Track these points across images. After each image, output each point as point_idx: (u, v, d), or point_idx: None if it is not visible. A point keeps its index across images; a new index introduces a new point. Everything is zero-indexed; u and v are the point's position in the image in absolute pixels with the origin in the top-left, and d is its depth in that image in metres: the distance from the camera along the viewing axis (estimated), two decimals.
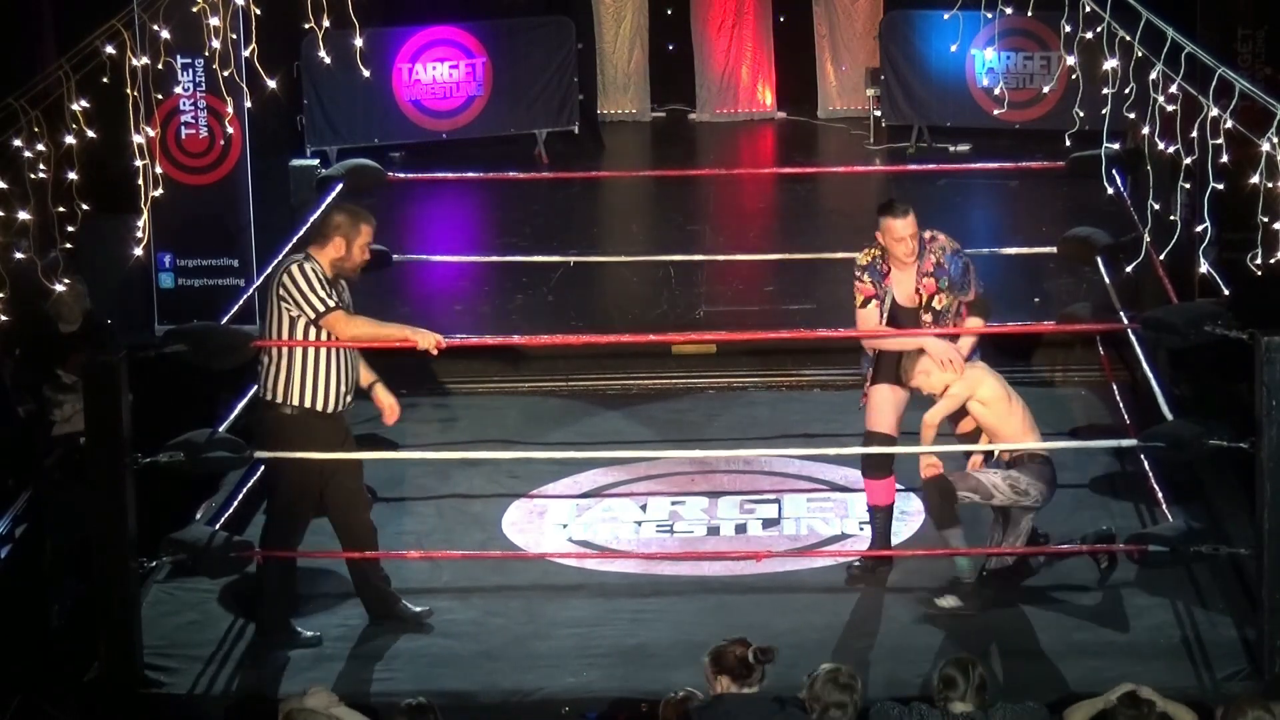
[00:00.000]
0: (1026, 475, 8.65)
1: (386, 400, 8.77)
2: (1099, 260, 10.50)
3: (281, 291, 8.38)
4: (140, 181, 8.12)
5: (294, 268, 8.42)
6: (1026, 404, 8.82)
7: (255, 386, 8.70)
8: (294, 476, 8.54)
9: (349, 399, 8.60)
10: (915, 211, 8.88)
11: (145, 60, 8.06)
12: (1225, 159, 7.49)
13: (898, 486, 9.92)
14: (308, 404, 8.44)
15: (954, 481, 8.65)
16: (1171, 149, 8.00)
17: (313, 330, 8.40)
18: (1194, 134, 7.58)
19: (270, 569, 8.59)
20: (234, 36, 8.31)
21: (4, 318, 7.89)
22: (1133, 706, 6.81)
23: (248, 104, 11.00)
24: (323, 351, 8.44)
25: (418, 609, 8.73)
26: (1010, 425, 8.71)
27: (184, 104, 12.56)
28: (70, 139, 7.99)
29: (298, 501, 8.60)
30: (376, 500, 10.03)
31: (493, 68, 16.45)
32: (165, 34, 8.18)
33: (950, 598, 8.68)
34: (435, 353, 8.52)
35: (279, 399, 8.46)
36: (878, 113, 16.79)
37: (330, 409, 8.48)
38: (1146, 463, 9.40)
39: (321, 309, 8.38)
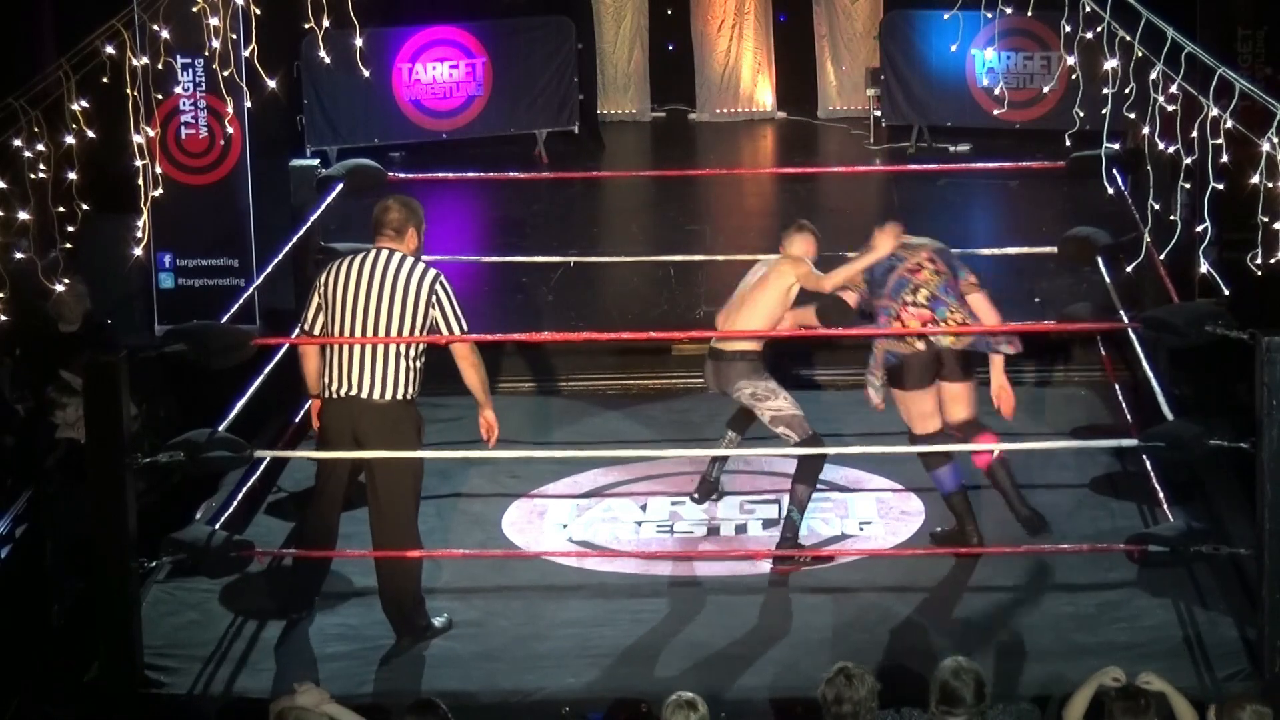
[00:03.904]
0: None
1: None
2: (1099, 260, 10.51)
3: (433, 299, 8.28)
4: (140, 181, 8.13)
5: (442, 277, 8.35)
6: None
7: (344, 385, 8.30)
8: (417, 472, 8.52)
9: None
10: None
11: (145, 60, 8.07)
12: (1225, 159, 7.49)
13: (897, 486, 9.94)
14: (413, 395, 8.41)
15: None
16: (1171, 149, 8.00)
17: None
18: (1194, 134, 7.58)
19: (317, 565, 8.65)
20: (234, 36, 8.32)
21: (4, 318, 7.90)
22: (1127, 698, 6.78)
23: (248, 104, 11.02)
24: (418, 346, 8.39)
25: (436, 622, 8.59)
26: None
27: (184, 104, 12.56)
28: (70, 139, 7.99)
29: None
30: None
31: (493, 68, 16.45)
32: (165, 34, 8.19)
33: None
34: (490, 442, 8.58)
35: (398, 394, 8.32)
36: (878, 113, 16.80)
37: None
38: (1147, 463, 9.40)
39: (467, 328, 8.37)
